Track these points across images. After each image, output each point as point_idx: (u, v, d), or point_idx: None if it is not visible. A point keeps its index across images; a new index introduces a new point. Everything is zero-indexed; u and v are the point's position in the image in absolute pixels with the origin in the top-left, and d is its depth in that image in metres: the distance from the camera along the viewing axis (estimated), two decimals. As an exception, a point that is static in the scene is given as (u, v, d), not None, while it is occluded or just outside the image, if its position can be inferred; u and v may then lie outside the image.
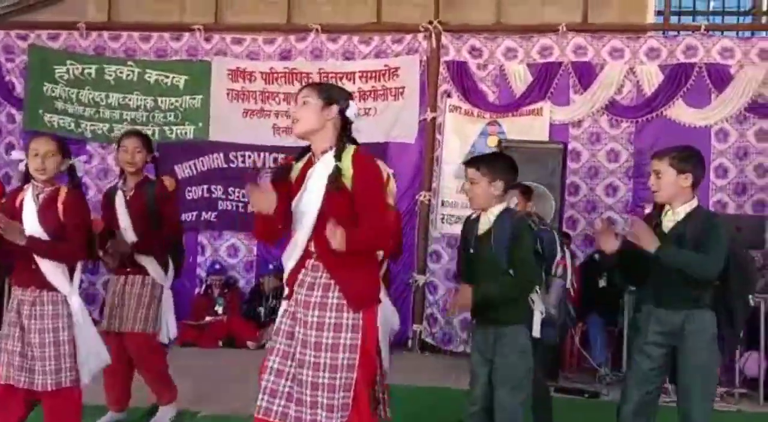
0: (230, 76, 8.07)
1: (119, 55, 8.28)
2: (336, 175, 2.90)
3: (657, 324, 3.45)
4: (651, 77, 7.55)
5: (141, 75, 8.17)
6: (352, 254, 2.84)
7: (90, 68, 8.21)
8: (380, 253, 3.25)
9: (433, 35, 7.82)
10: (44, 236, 3.54)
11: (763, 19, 8.15)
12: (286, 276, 3.09)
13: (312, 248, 2.96)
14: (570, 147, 7.55)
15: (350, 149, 2.95)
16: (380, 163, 3.16)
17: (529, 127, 7.62)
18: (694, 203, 3.47)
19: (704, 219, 3.46)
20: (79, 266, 3.75)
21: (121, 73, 8.19)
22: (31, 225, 3.56)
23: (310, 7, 8.24)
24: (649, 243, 3.32)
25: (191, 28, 8.13)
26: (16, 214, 3.60)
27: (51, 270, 3.59)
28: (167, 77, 8.16)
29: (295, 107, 3.01)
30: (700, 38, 7.48)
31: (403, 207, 7.73)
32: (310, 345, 2.86)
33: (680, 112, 7.49)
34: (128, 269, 4.47)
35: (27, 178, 3.69)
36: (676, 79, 7.48)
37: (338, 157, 2.90)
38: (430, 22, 7.84)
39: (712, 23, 7.98)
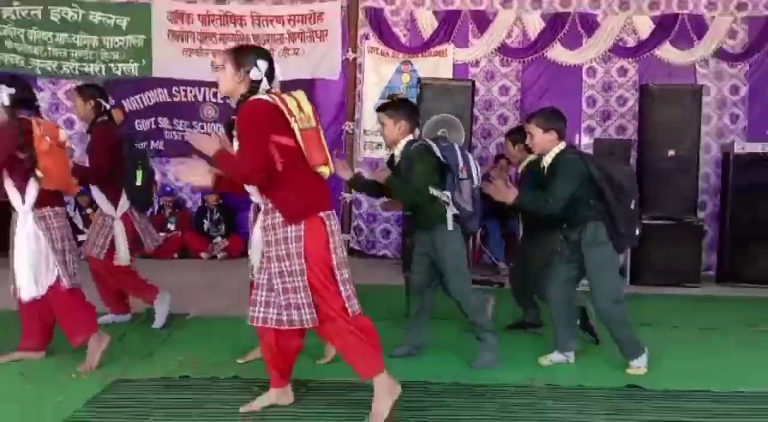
0: (170, 18, 8.21)
1: (64, -4, 8.22)
2: (230, 124, 3.27)
3: (565, 239, 4.08)
4: (535, 24, 8.24)
5: (85, 16, 8.18)
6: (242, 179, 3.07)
7: (36, 9, 8.16)
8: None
9: (352, -17, 8.15)
10: None
11: None
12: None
13: None
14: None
15: (248, 103, 3.02)
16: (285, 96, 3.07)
17: (436, 66, 8.19)
18: (561, 146, 4.01)
19: (556, 162, 3.98)
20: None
21: (66, 14, 8.17)
22: None
23: None
24: (508, 197, 3.94)
25: (132, -28, 8.16)
26: None
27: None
28: (110, 18, 8.21)
29: (218, 71, 3.12)
30: (573, -10, 8.22)
31: (331, 136, 8.24)
32: (272, 259, 3.07)
33: (558, 53, 8.25)
34: (93, 202, 4.85)
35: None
36: (555, 26, 8.20)
37: (236, 111, 3.09)
38: (350, -29, 8.16)
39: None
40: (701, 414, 3.38)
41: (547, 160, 4.06)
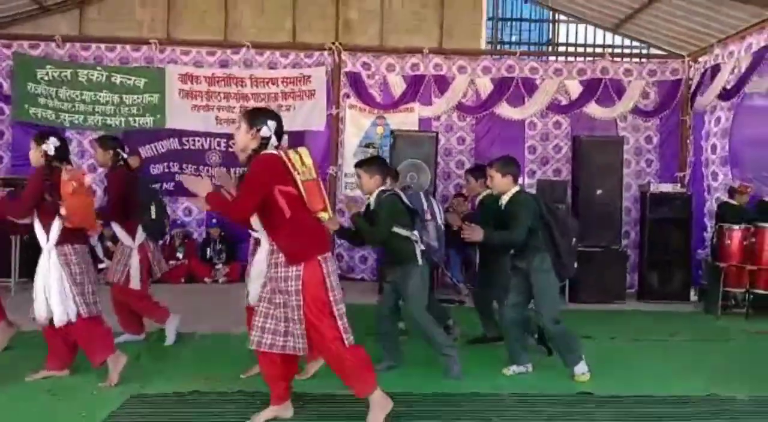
0: (180, 79, 7.99)
1: (89, 61, 7.98)
2: (241, 178, 3.23)
3: (514, 267, 4.03)
4: (485, 86, 8.21)
5: (108, 77, 7.93)
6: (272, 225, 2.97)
7: (66, 71, 7.89)
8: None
9: (335, 52, 8.06)
10: None
11: (558, 49, 9.13)
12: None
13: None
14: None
15: (259, 156, 2.94)
16: (290, 152, 3.00)
17: (404, 120, 8.07)
18: (516, 188, 3.98)
19: (514, 202, 3.91)
20: None
21: (91, 75, 7.91)
22: None
23: (242, 28, 8.30)
24: (478, 237, 3.84)
25: (149, 42, 7.98)
26: None
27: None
28: (129, 79, 7.97)
29: (235, 129, 3.06)
30: (517, 61, 8.22)
31: (320, 177, 8.17)
32: (275, 291, 2.99)
33: (504, 110, 8.22)
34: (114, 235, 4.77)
35: None
36: (502, 87, 8.18)
37: (247, 163, 3.00)
38: (333, 43, 8.08)
39: (524, 50, 8.79)
40: (647, 416, 3.26)
41: (504, 199, 3.98)
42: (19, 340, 4.23)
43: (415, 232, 4.00)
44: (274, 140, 2.99)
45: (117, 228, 4.56)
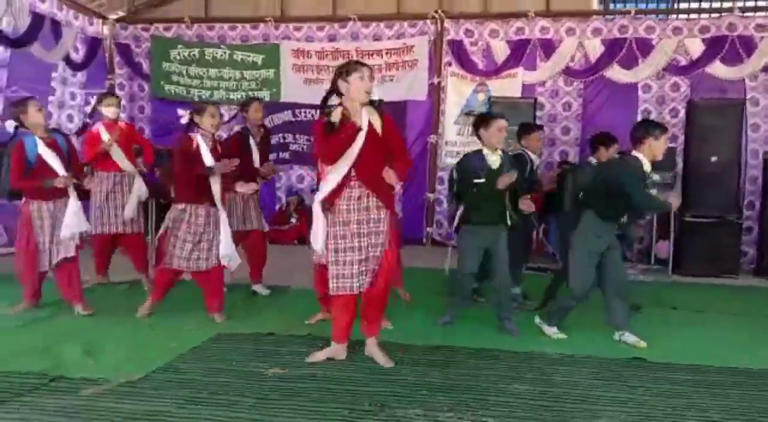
0: (293, 55, 8.56)
1: (214, 40, 8.79)
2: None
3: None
4: (595, 49, 7.91)
5: (231, 55, 8.69)
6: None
7: (194, 51, 8.77)
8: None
9: (438, 21, 8.18)
10: None
11: (675, 5, 8.52)
12: (328, 192, 3.32)
13: (353, 173, 3.31)
14: (537, 100, 8.11)
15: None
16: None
17: (507, 87, 8.01)
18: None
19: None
20: None
21: (216, 54, 8.72)
22: (208, 159, 4.17)
23: (349, 2, 8.60)
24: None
25: (265, 20, 8.58)
26: (197, 153, 4.15)
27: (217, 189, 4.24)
28: (249, 56, 8.67)
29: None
30: (631, 20, 7.82)
31: (419, 146, 8.45)
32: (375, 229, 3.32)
33: (616, 72, 7.88)
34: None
35: (190, 128, 4.23)
36: (614, 49, 7.84)
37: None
38: (436, 12, 8.18)
39: (639, 8, 8.30)
40: (696, 384, 3.25)
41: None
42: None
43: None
44: None
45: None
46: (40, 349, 3.52)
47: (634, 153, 3.94)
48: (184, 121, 4.32)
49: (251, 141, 5.07)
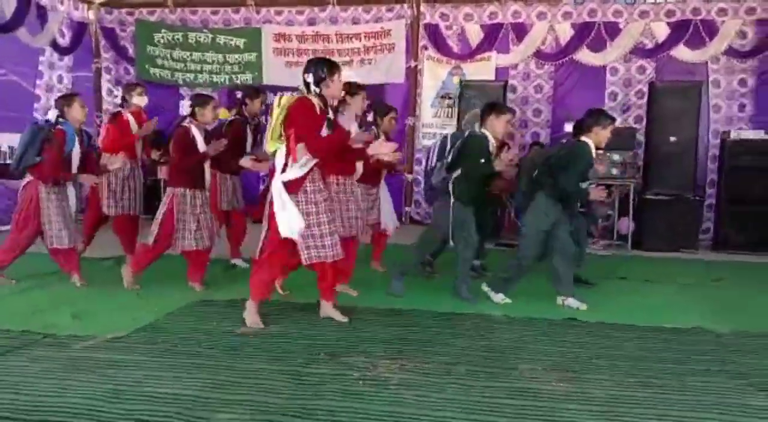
0: (274, 38, 8.90)
1: (197, 24, 9.12)
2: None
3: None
4: (565, 32, 8.29)
5: (213, 39, 9.02)
6: None
7: (178, 34, 9.09)
8: None
9: (414, 5, 8.51)
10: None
11: None
12: (292, 178, 3.60)
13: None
14: (510, 83, 8.47)
15: None
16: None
17: (481, 70, 8.41)
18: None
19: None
20: None
21: (199, 38, 9.05)
22: (202, 148, 4.54)
23: None
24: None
25: (247, 4, 8.90)
26: (194, 143, 4.51)
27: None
28: (231, 40, 9.01)
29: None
30: (599, 4, 8.16)
31: (398, 128, 8.78)
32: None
33: (585, 55, 8.27)
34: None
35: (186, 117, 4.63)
36: (583, 33, 8.21)
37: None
38: (413, -4, 8.54)
39: (608, -8, 8.60)
40: (617, 339, 3.69)
41: None
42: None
43: None
44: None
45: None
46: (33, 312, 3.93)
47: (584, 138, 4.35)
48: (185, 111, 4.64)
49: (247, 128, 5.45)
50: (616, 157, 7.15)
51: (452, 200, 4.46)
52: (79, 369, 2.96)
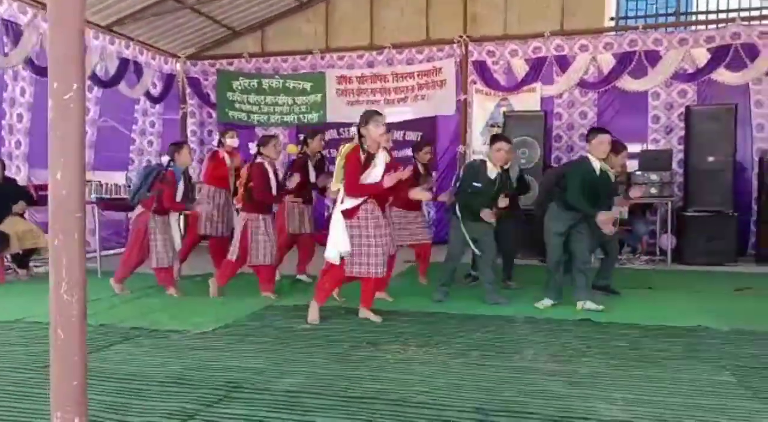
0: (337, 81, 10.02)
1: (270, 71, 10.36)
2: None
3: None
4: (607, 62, 8.93)
5: (284, 84, 10.24)
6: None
7: (253, 81, 10.37)
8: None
9: (463, 44, 9.39)
10: None
11: (681, 18, 9.38)
12: (348, 207, 4.50)
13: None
14: (555, 111, 9.17)
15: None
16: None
17: (527, 100, 9.15)
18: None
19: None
20: None
21: (272, 83, 10.29)
22: (273, 181, 5.66)
23: (385, 31, 9.97)
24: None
25: (312, 52, 10.09)
26: (267, 177, 5.57)
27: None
28: (299, 84, 10.19)
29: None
30: (639, 34, 8.79)
31: (449, 156, 9.65)
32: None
33: (626, 82, 8.87)
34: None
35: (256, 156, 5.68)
36: (624, 61, 8.82)
37: None
38: (461, 36, 9.40)
39: (647, 23, 9.20)
40: (621, 337, 4.32)
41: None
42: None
43: None
44: None
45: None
46: (142, 314, 5.00)
47: (586, 154, 5.04)
48: (252, 151, 5.77)
49: (309, 164, 6.45)
50: (654, 176, 7.68)
51: (457, 219, 5.26)
52: (173, 350, 3.94)
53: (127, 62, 9.35)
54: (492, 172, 5.26)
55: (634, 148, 8.73)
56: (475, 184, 5.23)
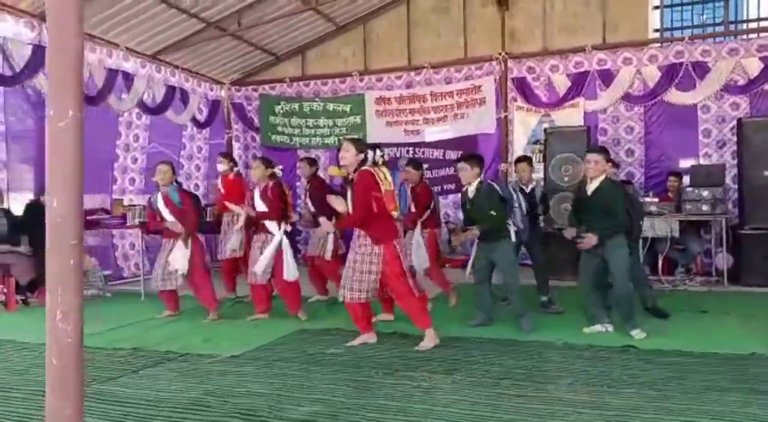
0: (376, 102, 10.00)
1: (310, 95, 10.43)
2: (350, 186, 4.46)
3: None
4: (652, 75, 8.59)
5: (324, 106, 10.29)
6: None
7: (294, 105, 10.46)
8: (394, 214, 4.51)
9: (502, 62, 9.23)
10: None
11: (731, 27, 8.95)
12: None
13: None
14: (600, 126, 8.88)
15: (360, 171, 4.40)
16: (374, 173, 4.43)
17: (570, 116, 8.89)
18: (602, 177, 4.79)
19: (609, 188, 4.78)
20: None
21: (312, 106, 10.36)
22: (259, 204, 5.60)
23: (422, 51, 9.92)
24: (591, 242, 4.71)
25: (351, 74, 10.11)
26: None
27: (270, 224, 5.58)
28: (339, 106, 10.22)
29: (342, 152, 4.50)
30: (686, 45, 8.43)
31: (491, 174, 9.42)
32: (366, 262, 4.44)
33: (674, 96, 8.51)
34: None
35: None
36: (671, 74, 8.47)
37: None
38: (500, 53, 9.26)
39: (694, 34, 8.84)
40: (670, 364, 4.04)
41: (594, 183, 4.87)
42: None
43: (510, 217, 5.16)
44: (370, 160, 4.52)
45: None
46: (173, 338, 5.01)
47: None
48: (279, 173, 5.80)
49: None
50: (705, 193, 7.28)
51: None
52: (198, 375, 3.89)
53: (173, 89, 9.58)
54: (471, 190, 5.15)
55: (685, 163, 8.44)
56: (487, 208, 5.09)
